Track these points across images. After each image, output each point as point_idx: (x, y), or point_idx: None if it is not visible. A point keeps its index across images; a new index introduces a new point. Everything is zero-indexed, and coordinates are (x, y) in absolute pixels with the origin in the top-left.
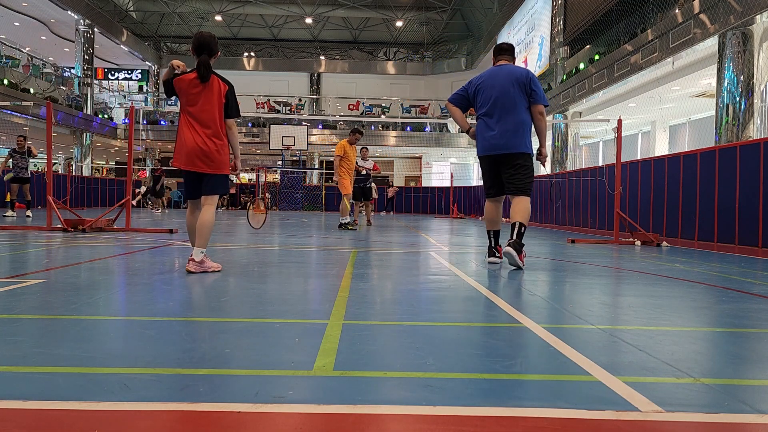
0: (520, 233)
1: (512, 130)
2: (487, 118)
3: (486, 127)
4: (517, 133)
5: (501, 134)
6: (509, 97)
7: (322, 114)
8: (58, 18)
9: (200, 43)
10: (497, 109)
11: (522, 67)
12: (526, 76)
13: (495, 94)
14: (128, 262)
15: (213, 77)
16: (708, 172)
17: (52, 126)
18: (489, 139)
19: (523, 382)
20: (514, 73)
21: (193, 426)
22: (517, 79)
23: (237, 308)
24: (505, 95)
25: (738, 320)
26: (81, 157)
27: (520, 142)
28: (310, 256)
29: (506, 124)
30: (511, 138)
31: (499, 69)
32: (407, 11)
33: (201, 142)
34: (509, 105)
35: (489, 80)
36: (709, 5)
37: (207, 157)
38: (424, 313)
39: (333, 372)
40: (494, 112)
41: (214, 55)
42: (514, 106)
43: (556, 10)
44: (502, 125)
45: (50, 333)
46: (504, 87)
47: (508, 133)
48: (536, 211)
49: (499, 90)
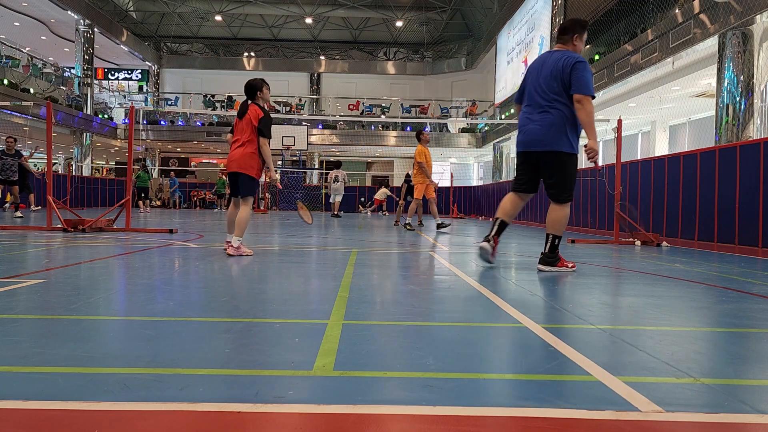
0: (553, 245)
1: (546, 124)
2: (525, 110)
3: (523, 120)
4: (551, 129)
5: (534, 129)
6: (541, 89)
7: (322, 114)
8: (58, 18)
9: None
10: (532, 102)
11: (567, 52)
12: (564, 62)
13: (530, 85)
14: (128, 262)
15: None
16: (708, 172)
17: (52, 126)
18: (523, 134)
19: (523, 382)
20: (554, 60)
21: (193, 426)
22: (553, 67)
23: (237, 308)
24: (537, 86)
25: (738, 320)
26: (81, 157)
27: (555, 140)
28: (310, 256)
29: (539, 118)
30: (544, 134)
31: (546, 55)
32: (407, 11)
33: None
34: (541, 97)
35: (532, 69)
36: (709, 5)
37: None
38: (424, 313)
39: (333, 372)
40: (530, 104)
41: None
42: (547, 98)
43: (556, 10)
44: (535, 119)
45: (50, 333)
46: (538, 77)
47: (541, 129)
48: (536, 210)
49: (534, 80)
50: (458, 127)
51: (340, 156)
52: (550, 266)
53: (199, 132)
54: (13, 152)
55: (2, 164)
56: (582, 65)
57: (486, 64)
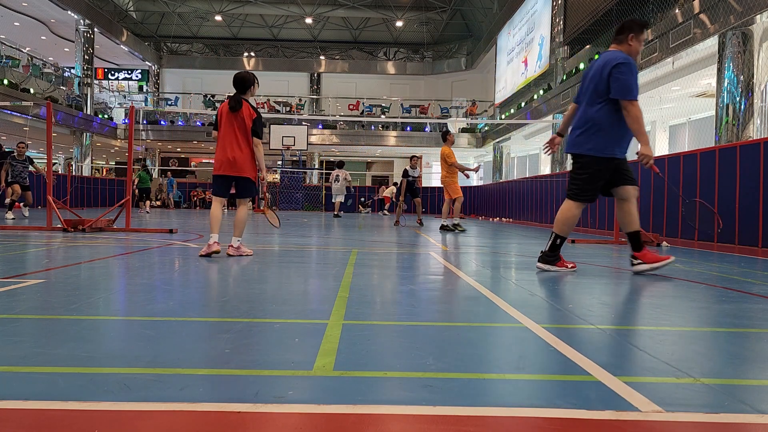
0: (553, 244)
1: (578, 127)
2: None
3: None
4: (583, 132)
5: (572, 132)
6: (583, 91)
7: (322, 114)
8: (58, 18)
9: (233, 82)
10: (579, 104)
11: (613, 53)
12: (607, 65)
13: (581, 87)
14: (128, 262)
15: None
16: (708, 172)
17: (52, 126)
18: (569, 136)
19: (523, 382)
20: (599, 62)
21: (193, 426)
22: (596, 70)
23: (237, 308)
24: (581, 89)
25: (738, 320)
26: (81, 157)
27: (581, 142)
28: (310, 256)
29: (578, 120)
30: (575, 137)
31: (602, 55)
32: (407, 11)
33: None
34: (583, 99)
35: (585, 71)
36: (709, 5)
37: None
38: (424, 313)
39: (333, 372)
40: (579, 106)
41: (246, 90)
42: (587, 100)
43: (556, 10)
44: (576, 122)
45: (50, 333)
46: (585, 79)
47: (575, 132)
48: (536, 210)
49: (583, 82)
50: (458, 127)
51: (341, 156)
52: (549, 265)
53: (199, 132)
54: (24, 158)
55: (13, 169)
56: (624, 67)
57: (486, 64)
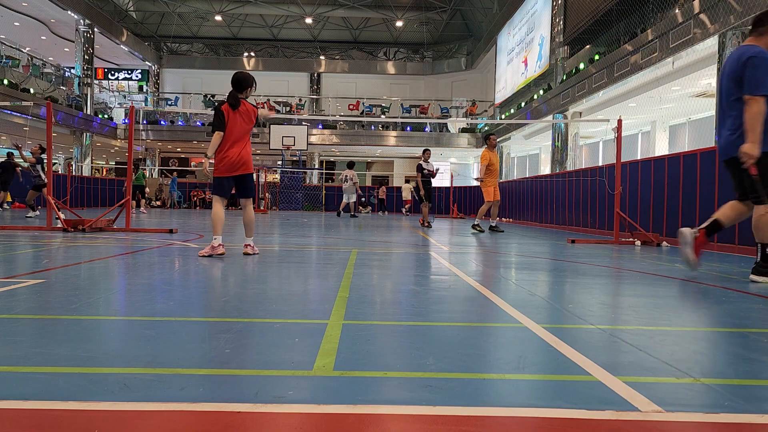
0: (764, 254)
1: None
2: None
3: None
4: (734, 134)
5: (721, 135)
6: (722, 90)
7: (322, 114)
8: (58, 18)
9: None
10: (720, 104)
11: (748, 47)
12: (740, 60)
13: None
14: (128, 262)
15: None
16: (708, 172)
17: (52, 126)
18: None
19: (523, 382)
20: (734, 57)
21: (193, 426)
22: (729, 67)
23: (237, 308)
24: (720, 87)
25: (738, 320)
26: (81, 157)
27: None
28: (310, 256)
29: (723, 122)
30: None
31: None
32: (407, 11)
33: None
34: (724, 99)
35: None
36: (709, 5)
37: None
38: (424, 313)
39: (333, 372)
40: (720, 106)
41: (244, 90)
42: (728, 100)
43: (556, 10)
44: (721, 124)
45: (50, 333)
46: (722, 77)
47: (724, 135)
48: (536, 210)
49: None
50: (458, 127)
51: (341, 156)
52: (764, 276)
53: (199, 132)
54: (35, 160)
55: (27, 173)
56: (758, 60)
57: (486, 64)
